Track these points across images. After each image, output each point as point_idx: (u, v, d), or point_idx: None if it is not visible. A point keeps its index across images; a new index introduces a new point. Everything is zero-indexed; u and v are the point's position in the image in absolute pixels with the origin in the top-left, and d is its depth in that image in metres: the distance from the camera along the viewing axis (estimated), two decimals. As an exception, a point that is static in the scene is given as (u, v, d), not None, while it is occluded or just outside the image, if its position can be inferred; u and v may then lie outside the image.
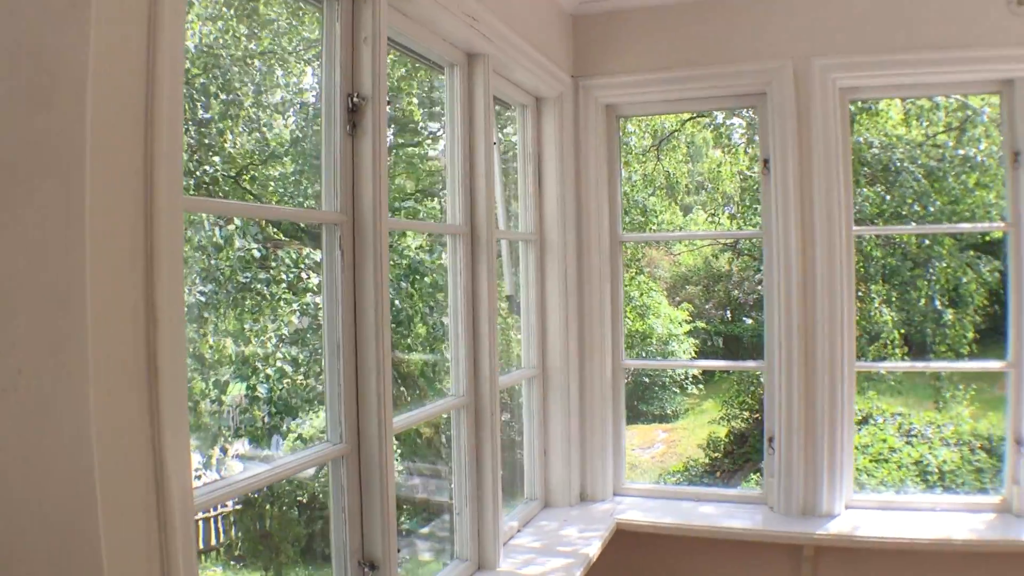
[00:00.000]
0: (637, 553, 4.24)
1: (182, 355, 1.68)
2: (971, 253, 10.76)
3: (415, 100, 7.57)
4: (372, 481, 2.52)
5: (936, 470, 10.44)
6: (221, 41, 6.10)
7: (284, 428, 6.28)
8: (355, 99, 2.51)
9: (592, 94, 4.34)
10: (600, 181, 4.39)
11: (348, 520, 2.51)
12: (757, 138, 10.92)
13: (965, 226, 10.44)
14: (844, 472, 4.17)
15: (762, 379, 4.40)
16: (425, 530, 6.51)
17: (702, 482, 10.98)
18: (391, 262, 5.44)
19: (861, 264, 10.31)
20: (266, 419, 6.09)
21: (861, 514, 4.15)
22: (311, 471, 5.50)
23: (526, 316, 4.29)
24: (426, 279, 6.87)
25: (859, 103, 10.07)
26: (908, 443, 11.20)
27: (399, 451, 6.52)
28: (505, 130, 4.72)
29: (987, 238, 11.57)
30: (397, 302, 6.50)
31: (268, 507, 6.21)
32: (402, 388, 7.30)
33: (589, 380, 4.39)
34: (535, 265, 4.27)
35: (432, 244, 6.84)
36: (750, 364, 7.77)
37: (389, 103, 2.74)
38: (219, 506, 5.70)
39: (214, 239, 5.63)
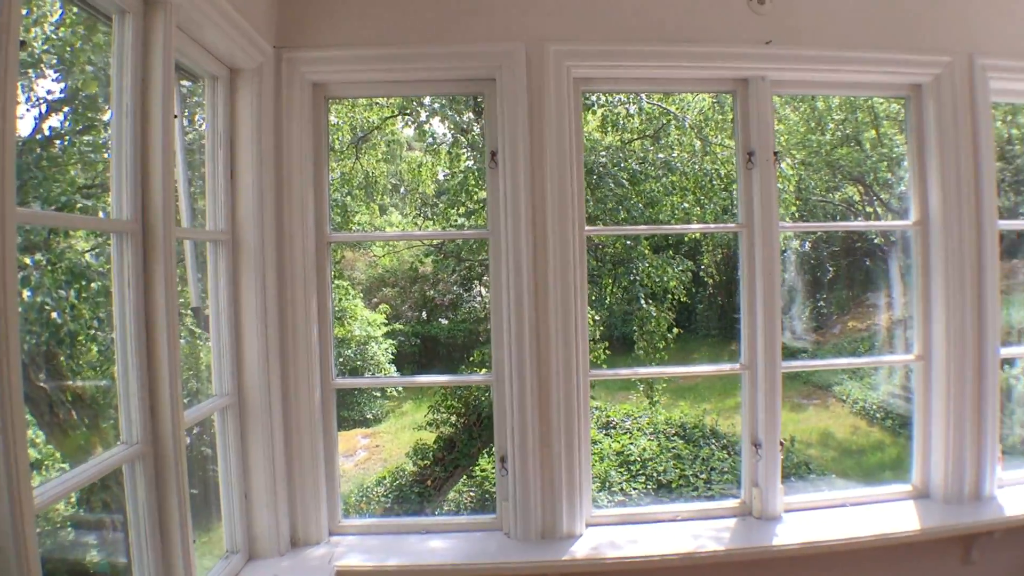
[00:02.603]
0: (362, 604, 3.69)
1: None
2: (669, 253, 11.25)
3: (90, 71, 6.43)
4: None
5: (638, 459, 10.85)
6: None
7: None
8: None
9: (298, 69, 3.69)
10: (305, 172, 3.74)
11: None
12: (462, 138, 10.76)
13: (696, 226, 10.87)
14: (583, 489, 3.94)
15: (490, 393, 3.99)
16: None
17: (412, 492, 10.63)
18: (47, 266, 4.40)
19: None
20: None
21: (603, 532, 3.94)
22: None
23: (216, 332, 3.52)
24: (94, 285, 5.85)
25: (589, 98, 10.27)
26: (607, 435, 11.60)
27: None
28: (197, 119, 3.97)
29: (687, 239, 12.20)
30: (56, 315, 5.45)
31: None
32: (74, 413, 6.27)
33: (295, 405, 3.73)
34: (227, 271, 3.51)
35: (104, 244, 5.84)
36: (477, 378, 7.46)
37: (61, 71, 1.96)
38: None
39: None
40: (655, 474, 10.62)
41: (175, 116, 2.77)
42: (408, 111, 10.96)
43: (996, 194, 4.18)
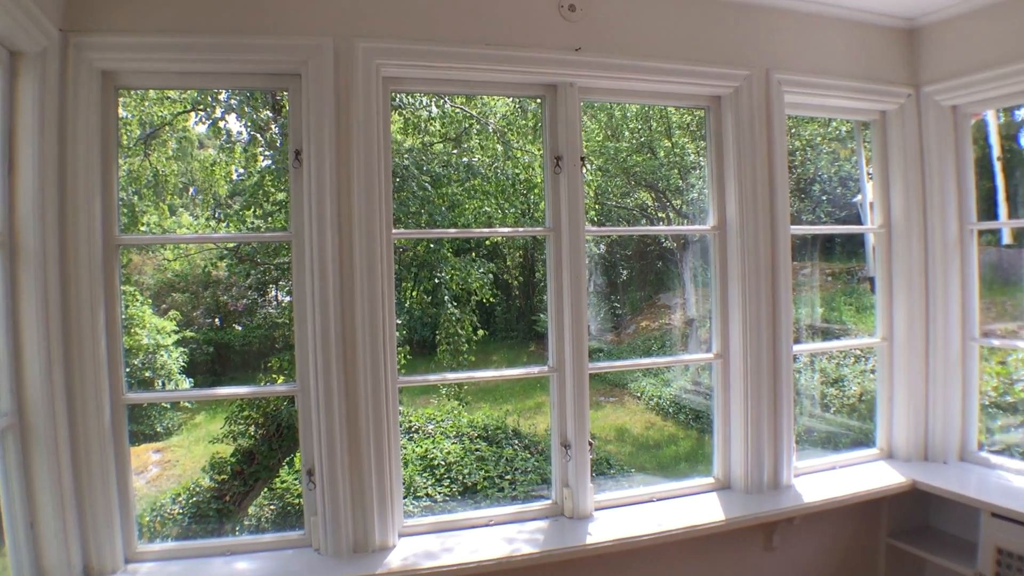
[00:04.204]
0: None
1: None
2: (472, 256, 11.32)
3: None
4: None
5: (442, 463, 10.86)
6: None
7: None
8: None
9: (86, 55, 3.37)
10: (92, 168, 3.42)
11: None
12: (259, 137, 10.39)
13: (505, 230, 10.99)
14: (395, 499, 3.86)
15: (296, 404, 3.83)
16: None
17: (210, 508, 10.15)
18: None
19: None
20: None
21: (417, 541, 3.90)
22: None
23: (-8, 345, 3.18)
24: None
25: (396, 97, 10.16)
26: (411, 439, 11.56)
27: None
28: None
29: (487, 242, 12.32)
30: None
31: None
32: None
33: (83, 423, 3.41)
34: (3, 276, 3.17)
35: None
36: (280, 389, 7.15)
37: None
38: None
39: None
40: (460, 477, 10.66)
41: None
42: (202, 106, 10.46)
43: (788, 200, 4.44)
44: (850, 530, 4.80)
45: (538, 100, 4.23)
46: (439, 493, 10.36)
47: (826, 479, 4.65)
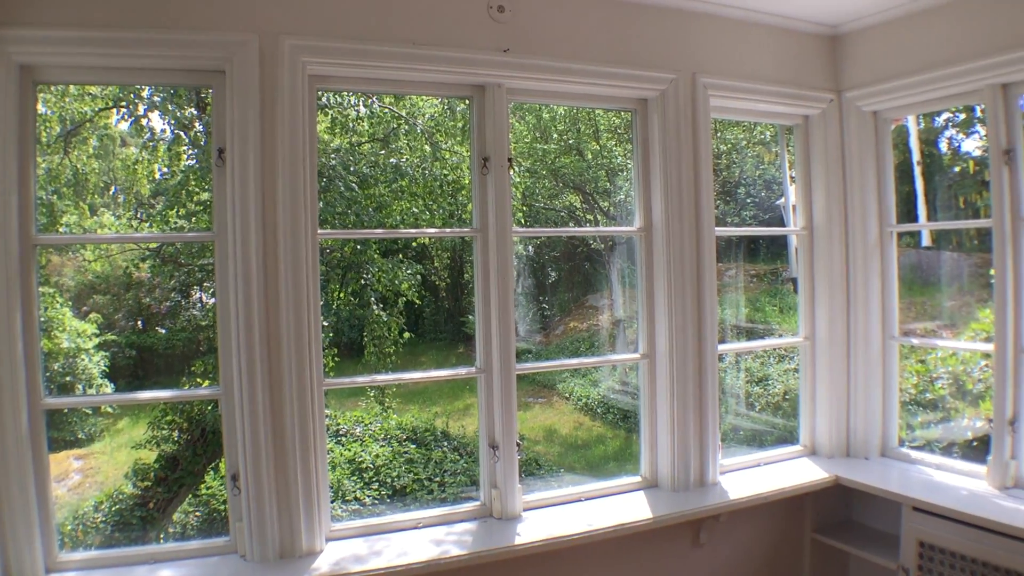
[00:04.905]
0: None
1: None
2: (399, 257, 11.28)
3: None
4: None
5: (370, 466, 10.80)
6: None
7: None
8: None
9: (3, 49, 3.24)
10: (9, 165, 3.30)
11: None
12: (183, 135, 10.21)
13: (432, 231, 10.98)
14: (322, 502, 3.81)
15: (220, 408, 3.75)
16: None
17: (134, 516, 9.94)
18: None
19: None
20: None
21: (345, 545, 3.85)
22: None
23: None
24: None
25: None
26: (339, 443, 11.47)
27: None
28: None
29: (415, 243, 12.27)
30: None
31: None
32: None
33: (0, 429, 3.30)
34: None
35: None
36: (203, 392, 7.00)
37: None
38: None
39: None
40: (389, 480, 10.62)
41: None
42: (125, 103, 10.23)
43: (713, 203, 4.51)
44: (775, 525, 4.90)
45: (466, 101, 4.21)
46: (368, 496, 10.30)
47: (751, 476, 4.74)
